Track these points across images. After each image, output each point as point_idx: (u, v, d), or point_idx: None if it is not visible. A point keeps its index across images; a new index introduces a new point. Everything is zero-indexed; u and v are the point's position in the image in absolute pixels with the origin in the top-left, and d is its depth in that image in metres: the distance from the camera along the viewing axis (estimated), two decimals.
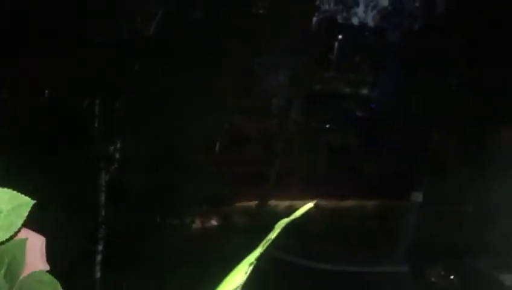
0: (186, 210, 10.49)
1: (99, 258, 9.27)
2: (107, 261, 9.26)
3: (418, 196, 13.76)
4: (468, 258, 12.18)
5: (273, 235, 0.59)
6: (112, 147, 9.68)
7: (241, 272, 0.58)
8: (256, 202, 14.47)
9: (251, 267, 0.58)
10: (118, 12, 9.50)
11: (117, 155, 9.69)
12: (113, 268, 9.22)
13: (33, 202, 0.68)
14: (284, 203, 14.20)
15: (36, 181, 8.07)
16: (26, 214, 0.68)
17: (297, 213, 0.59)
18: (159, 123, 9.69)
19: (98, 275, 9.30)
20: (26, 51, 9.33)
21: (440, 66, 13.83)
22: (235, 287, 0.58)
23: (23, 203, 0.68)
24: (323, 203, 14.72)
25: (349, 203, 15.42)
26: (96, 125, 9.58)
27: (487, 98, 13.18)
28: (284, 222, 0.59)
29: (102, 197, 9.42)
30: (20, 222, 0.68)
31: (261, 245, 0.59)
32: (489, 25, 13.06)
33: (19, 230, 0.69)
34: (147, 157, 9.61)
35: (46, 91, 10.58)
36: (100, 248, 9.28)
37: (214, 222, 12.08)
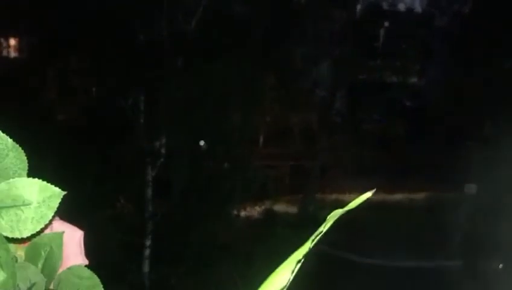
0: (231, 203, 10.51)
1: (147, 252, 9.40)
2: (155, 255, 9.40)
3: (471, 188, 13.29)
4: None
5: (324, 228, 0.53)
6: (158, 143, 9.79)
7: (287, 271, 0.51)
8: (301, 195, 14.36)
9: (298, 265, 0.51)
10: (160, 9, 9.57)
11: (163, 150, 9.79)
12: (162, 262, 9.34)
13: (64, 193, 0.64)
14: (330, 197, 14.03)
15: (85, 178, 8.22)
16: (57, 205, 0.64)
17: (353, 204, 0.55)
18: (203, 117, 9.73)
19: (147, 269, 9.43)
20: (73, 51, 9.55)
21: (491, 52, 13.27)
22: (280, 287, 0.51)
23: (54, 194, 0.64)
24: (372, 196, 14.41)
25: (398, 196, 15.09)
26: (142, 121, 9.71)
27: None
28: (337, 213, 0.53)
29: (150, 192, 9.54)
30: (51, 214, 0.64)
31: (311, 239, 0.52)
32: None
33: (50, 222, 0.65)
34: (192, 151, 9.67)
35: (94, 89, 10.81)
36: (148, 242, 9.41)
37: (259, 215, 12.07)
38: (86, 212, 7.17)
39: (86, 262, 0.76)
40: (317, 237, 0.50)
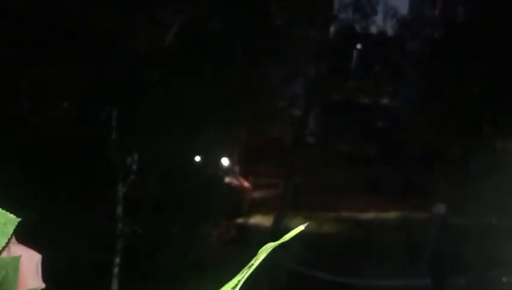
0: (203, 222, 10.42)
1: (116, 270, 9.22)
2: (124, 273, 9.22)
3: (440, 208, 13.51)
4: (492, 271, 11.88)
5: (256, 261, 0.53)
6: (130, 159, 9.67)
7: None
8: (274, 215, 14.34)
9: None
10: (135, 23, 9.53)
11: (134, 167, 9.67)
12: (131, 280, 9.17)
13: (18, 219, 0.64)
14: (303, 215, 14.05)
15: (52, 193, 8.05)
16: (11, 232, 0.64)
17: (287, 237, 0.55)
18: (177, 134, 9.67)
19: (116, 287, 9.25)
20: (43, 62, 9.40)
21: (461, 75, 13.62)
22: None
23: (8, 221, 0.63)
24: (344, 215, 14.54)
25: (370, 215, 15.22)
26: (113, 136, 9.59)
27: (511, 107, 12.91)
28: (270, 246, 0.54)
29: (120, 209, 9.39)
30: (4, 241, 0.63)
31: (242, 272, 0.53)
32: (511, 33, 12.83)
33: (3, 249, 0.65)
34: (164, 168, 9.58)
35: (65, 103, 10.64)
36: (118, 260, 9.24)
37: (231, 234, 12.00)
38: (54, 229, 7.01)
39: (43, 286, 0.75)
40: (249, 271, 0.50)
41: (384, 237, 14.01)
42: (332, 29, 15.15)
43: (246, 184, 15.30)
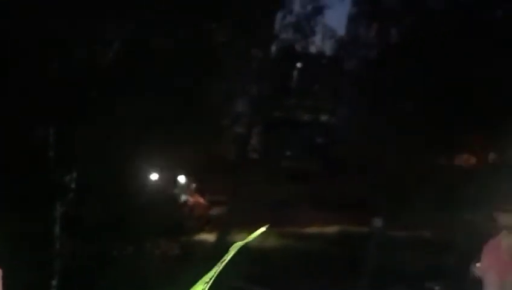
0: (145, 241, 10.27)
1: None
2: None
3: (378, 222, 13.98)
4: (429, 283, 12.36)
5: (227, 257, 0.61)
6: (68, 177, 9.44)
7: None
8: (217, 231, 14.33)
9: (207, 287, 0.58)
10: (74, 39, 9.38)
11: (73, 185, 9.44)
12: None
13: None
14: (247, 230, 14.10)
15: None
16: None
17: (251, 237, 0.62)
18: (117, 152, 9.53)
19: None
20: None
21: (397, 92, 14.24)
22: None
23: None
24: (285, 230, 14.72)
25: (310, 230, 15.50)
26: (51, 154, 9.34)
27: (446, 125, 13.60)
28: (238, 245, 0.62)
29: (57, 229, 9.12)
30: None
31: (217, 266, 0.60)
32: (446, 54, 13.57)
33: None
34: (104, 187, 9.40)
35: None
36: (55, 282, 8.94)
37: (174, 253, 11.86)
38: None
39: None
40: (221, 267, 0.58)
41: (325, 251, 14.30)
42: (273, 48, 15.47)
43: (201, 201, 15.28)
